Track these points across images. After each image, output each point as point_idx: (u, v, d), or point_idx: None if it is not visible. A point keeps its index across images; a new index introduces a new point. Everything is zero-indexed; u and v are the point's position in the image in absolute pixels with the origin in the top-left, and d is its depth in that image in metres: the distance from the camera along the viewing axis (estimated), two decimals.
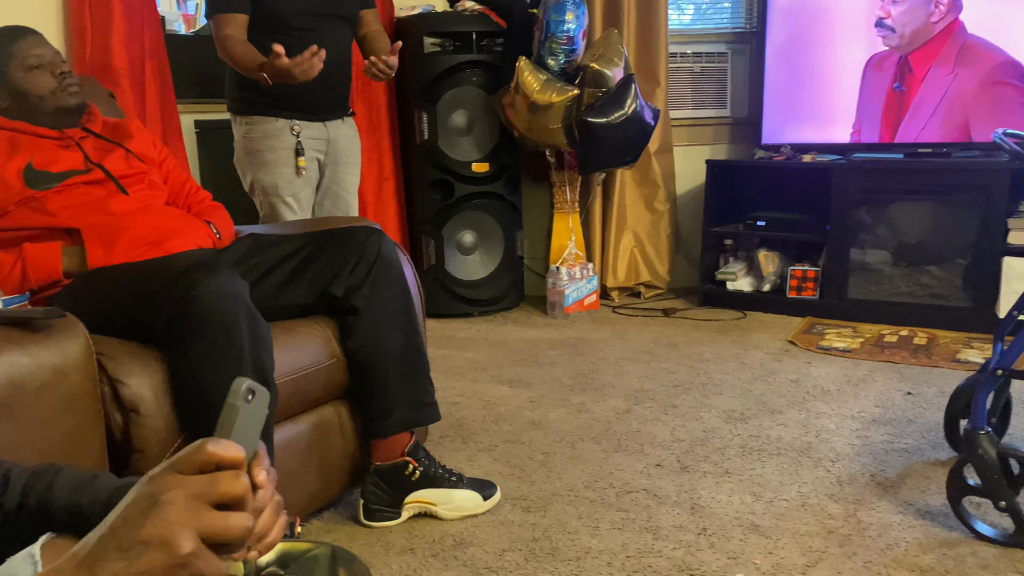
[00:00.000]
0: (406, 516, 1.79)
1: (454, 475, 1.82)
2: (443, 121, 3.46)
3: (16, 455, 1.07)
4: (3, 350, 1.16)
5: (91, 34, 2.59)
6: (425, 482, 1.78)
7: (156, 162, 1.95)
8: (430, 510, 1.79)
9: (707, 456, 2.07)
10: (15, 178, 1.67)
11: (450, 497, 1.79)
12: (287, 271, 1.78)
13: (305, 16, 2.45)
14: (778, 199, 3.61)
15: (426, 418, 1.83)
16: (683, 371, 2.75)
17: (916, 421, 2.25)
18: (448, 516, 1.78)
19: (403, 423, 1.78)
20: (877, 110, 3.36)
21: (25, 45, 1.76)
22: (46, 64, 1.77)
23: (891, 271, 3.30)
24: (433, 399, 1.84)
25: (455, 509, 1.78)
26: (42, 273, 1.62)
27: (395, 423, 1.77)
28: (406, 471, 1.77)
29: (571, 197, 3.64)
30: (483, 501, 1.81)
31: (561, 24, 3.20)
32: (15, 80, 1.75)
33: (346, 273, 1.74)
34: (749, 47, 3.85)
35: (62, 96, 1.78)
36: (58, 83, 1.77)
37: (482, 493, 1.82)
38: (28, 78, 1.75)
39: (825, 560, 1.57)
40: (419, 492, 1.78)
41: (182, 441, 1.45)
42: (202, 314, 1.41)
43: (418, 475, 1.78)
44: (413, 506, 1.79)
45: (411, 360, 1.79)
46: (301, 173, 2.53)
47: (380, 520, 1.77)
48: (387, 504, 1.77)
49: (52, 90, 1.77)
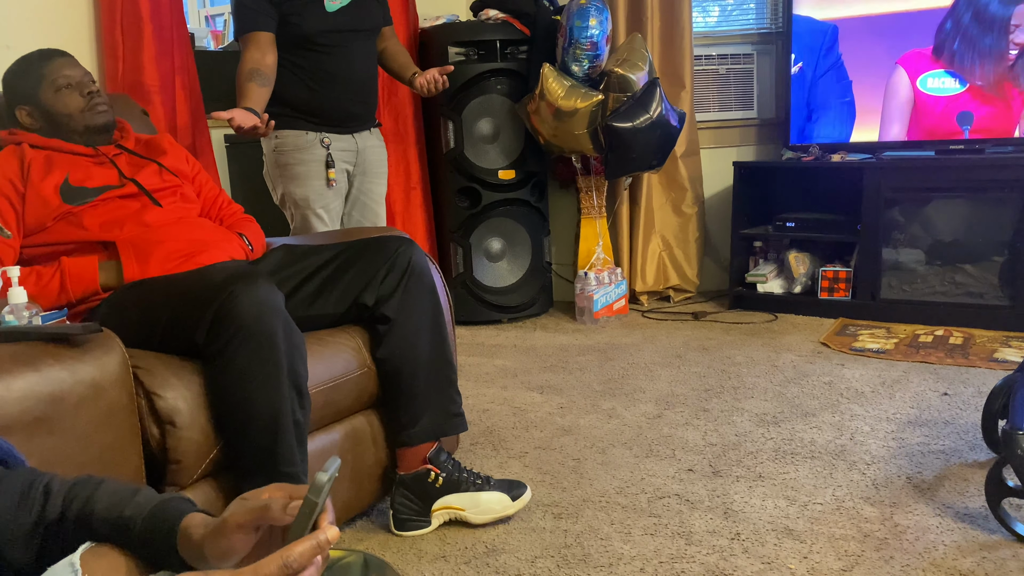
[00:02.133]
0: (436, 524, 1.79)
1: (480, 478, 1.81)
2: (469, 129, 3.48)
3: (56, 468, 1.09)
4: (43, 365, 1.19)
5: (123, 52, 2.64)
6: (450, 487, 1.78)
7: (189, 176, 1.99)
8: (459, 515, 1.79)
9: (740, 460, 2.05)
10: (52, 194, 1.71)
11: (476, 501, 1.78)
12: (319, 281, 1.80)
13: (332, 34, 2.49)
14: (807, 200, 3.58)
15: (453, 428, 1.84)
16: (714, 375, 2.74)
17: (953, 422, 2.22)
18: (478, 520, 1.78)
19: (431, 432, 1.79)
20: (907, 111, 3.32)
21: (55, 67, 1.81)
22: (75, 84, 1.81)
23: (925, 270, 3.25)
24: (460, 410, 1.85)
25: (483, 512, 1.78)
26: (79, 286, 1.66)
27: (422, 432, 1.78)
28: (428, 478, 1.78)
29: (598, 202, 3.64)
30: (512, 502, 1.80)
31: (585, 30, 3.20)
32: (45, 100, 1.80)
33: (377, 283, 1.76)
34: (775, 47, 3.82)
35: (90, 115, 1.82)
36: (86, 102, 1.81)
37: (510, 494, 1.80)
38: (57, 98, 1.80)
39: (861, 564, 1.55)
40: (445, 498, 1.78)
41: (219, 451, 1.48)
42: (242, 324, 1.43)
43: (441, 481, 1.78)
44: (441, 513, 1.79)
45: (440, 370, 1.80)
46: (332, 185, 2.56)
47: (411, 529, 1.77)
48: (416, 513, 1.78)
49: (80, 109, 1.81)
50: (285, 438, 1.47)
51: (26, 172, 1.71)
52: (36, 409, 1.16)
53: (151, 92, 2.67)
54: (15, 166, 1.72)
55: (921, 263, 3.26)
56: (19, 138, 1.79)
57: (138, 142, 1.95)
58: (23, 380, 1.16)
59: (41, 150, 1.77)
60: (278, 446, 1.46)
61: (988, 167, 3.08)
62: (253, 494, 0.80)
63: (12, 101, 1.83)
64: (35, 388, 1.17)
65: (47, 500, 0.84)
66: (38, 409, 1.16)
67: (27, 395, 1.15)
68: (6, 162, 1.72)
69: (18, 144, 1.77)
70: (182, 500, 0.84)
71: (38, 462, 1.08)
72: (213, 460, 1.47)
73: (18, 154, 1.74)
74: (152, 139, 2.00)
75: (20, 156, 1.74)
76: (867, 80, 3.40)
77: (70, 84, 1.81)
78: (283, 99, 2.49)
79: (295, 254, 1.87)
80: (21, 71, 1.82)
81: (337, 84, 2.54)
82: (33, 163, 1.73)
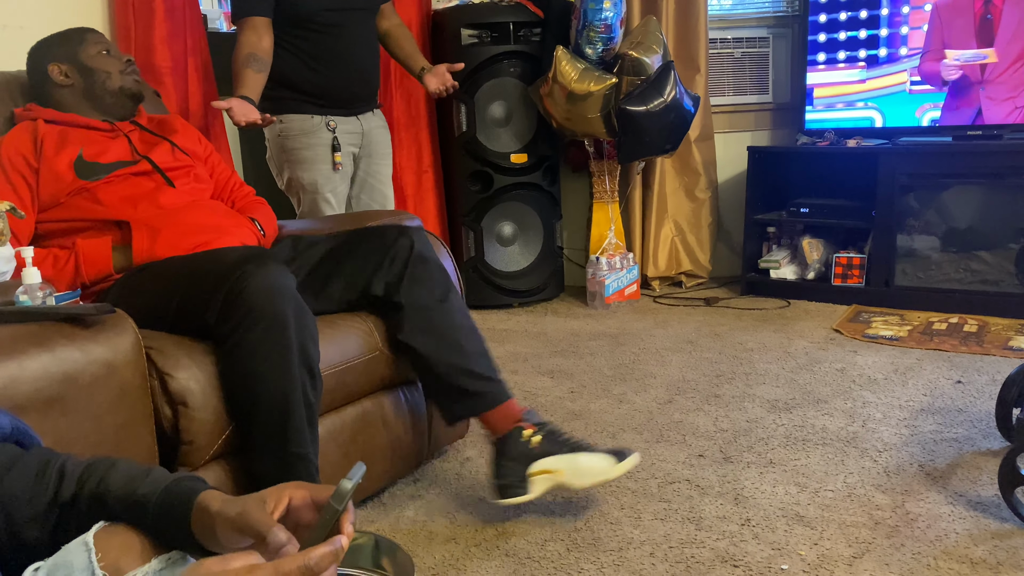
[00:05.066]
0: (538, 491, 1.68)
1: (581, 442, 1.72)
2: (481, 113, 3.47)
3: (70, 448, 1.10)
4: (57, 346, 1.20)
5: (135, 33, 2.64)
6: (546, 449, 1.68)
7: (202, 157, 1.99)
8: (558, 480, 1.67)
9: (751, 446, 2.05)
10: (67, 169, 1.72)
11: (575, 463, 1.66)
12: (324, 273, 1.80)
13: (331, 12, 2.49)
14: (822, 185, 3.55)
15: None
16: (726, 361, 2.73)
17: (966, 410, 2.21)
18: (578, 484, 1.67)
19: (504, 391, 1.74)
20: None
21: (98, 36, 1.90)
22: (113, 54, 1.90)
23: (940, 257, 3.22)
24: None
25: (583, 475, 1.66)
26: (93, 269, 1.67)
27: (500, 390, 1.74)
28: (522, 437, 1.69)
29: (610, 186, 3.62)
30: (617, 463, 1.67)
31: (599, 12, 3.17)
32: (85, 59, 1.85)
33: (383, 272, 1.76)
34: (791, 31, 3.78)
35: (127, 78, 1.88)
36: (125, 66, 1.89)
37: (615, 456, 1.69)
38: (99, 58, 1.86)
39: (872, 551, 1.55)
40: (541, 462, 1.67)
41: (230, 432, 1.48)
42: (254, 305, 1.44)
43: (538, 440, 1.69)
44: (540, 479, 1.67)
45: (478, 338, 1.78)
46: (338, 168, 2.56)
47: (511, 497, 1.68)
48: (515, 479, 1.69)
49: (120, 70, 1.88)
50: (295, 419, 1.47)
51: (39, 147, 1.72)
52: (50, 389, 1.17)
53: (163, 74, 2.67)
54: (29, 141, 1.73)
55: (936, 250, 3.23)
56: (34, 113, 1.81)
57: (151, 121, 1.97)
58: (37, 360, 1.17)
59: (55, 125, 1.78)
60: (288, 427, 1.47)
61: (1006, 153, 3.05)
62: (274, 493, 0.80)
63: (45, 60, 1.85)
64: (49, 368, 1.17)
65: (62, 480, 0.85)
66: (52, 389, 1.17)
67: (41, 375, 1.16)
68: (20, 138, 1.74)
69: (33, 120, 1.78)
70: (194, 479, 0.84)
71: (52, 442, 1.09)
72: (225, 441, 1.48)
73: (31, 129, 1.75)
74: (165, 118, 2.01)
75: (34, 132, 1.75)
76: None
77: (109, 51, 1.89)
78: (286, 82, 2.49)
79: (300, 246, 1.87)
80: (62, 35, 1.88)
81: (339, 64, 2.53)
82: (47, 138, 1.74)
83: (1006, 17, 3.06)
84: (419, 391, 1.92)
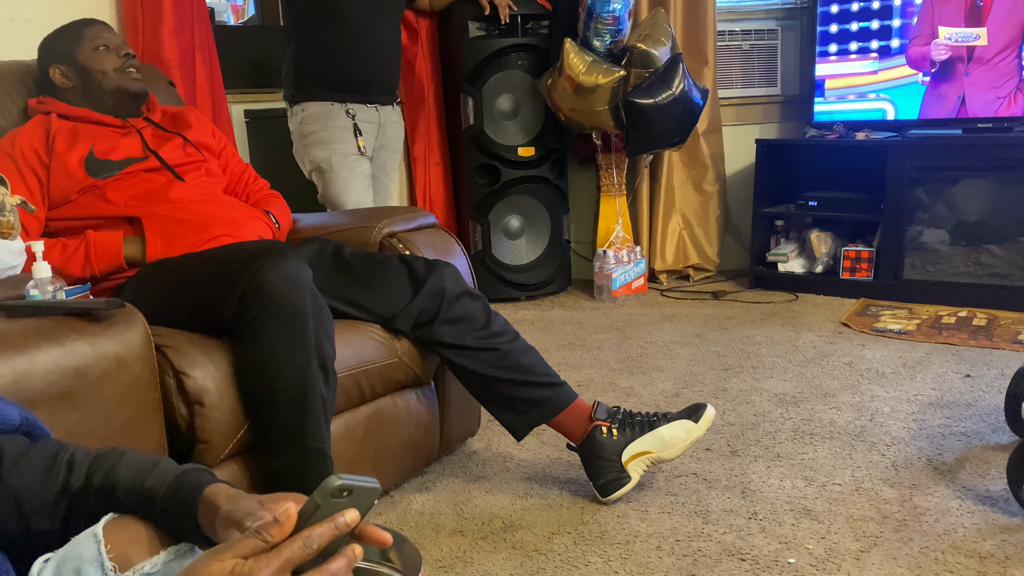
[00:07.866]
0: (637, 476, 1.74)
1: (655, 415, 1.76)
2: (489, 106, 3.46)
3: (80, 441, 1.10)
4: (68, 340, 1.20)
5: (143, 26, 2.65)
6: (628, 436, 1.74)
7: (215, 151, 1.99)
8: (651, 458, 1.73)
9: (758, 440, 2.05)
10: (77, 166, 1.72)
11: (660, 437, 1.72)
12: (344, 298, 1.76)
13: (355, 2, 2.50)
14: (830, 178, 3.53)
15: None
16: (733, 354, 2.72)
17: (975, 404, 2.20)
18: (671, 455, 1.73)
19: (569, 391, 1.77)
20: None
21: (96, 30, 1.87)
22: (112, 47, 1.87)
23: (949, 250, 3.21)
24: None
25: (672, 445, 1.72)
26: (104, 258, 1.67)
27: (562, 394, 1.76)
28: (603, 435, 1.74)
29: (618, 180, 3.62)
30: (695, 424, 1.73)
31: (607, 4, 3.16)
32: (82, 58, 1.84)
33: (411, 313, 1.73)
34: (800, 23, 3.76)
35: (124, 77, 1.85)
36: (122, 63, 1.86)
37: (691, 417, 1.74)
38: (94, 56, 1.84)
39: (880, 545, 1.55)
40: (630, 447, 1.73)
41: (245, 431, 1.48)
42: (272, 298, 1.43)
43: (616, 433, 1.74)
44: (635, 463, 1.74)
45: (530, 349, 1.80)
46: (363, 152, 2.58)
47: (616, 490, 1.74)
48: (612, 472, 1.74)
49: (116, 68, 1.85)
50: (312, 413, 1.46)
51: (51, 143, 1.73)
52: (61, 383, 1.18)
53: (171, 67, 2.67)
54: (41, 136, 1.74)
55: (945, 243, 3.21)
56: (48, 107, 1.81)
57: (164, 114, 1.96)
58: (48, 354, 1.17)
59: (68, 120, 1.79)
60: (305, 421, 1.46)
61: (1016, 146, 3.03)
62: (275, 498, 0.79)
63: (47, 61, 1.86)
64: (59, 362, 1.18)
65: (71, 471, 0.86)
66: (62, 383, 1.18)
67: (52, 369, 1.17)
68: (32, 132, 1.74)
69: (46, 114, 1.79)
70: (201, 471, 0.84)
71: (62, 435, 1.10)
72: (240, 440, 1.48)
73: (45, 124, 1.76)
74: (179, 112, 2.01)
75: (46, 127, 1.75)
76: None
77: (107, 46, 1.86)
78: (307, 71, 2.51)
79: (322, 256, 1.80)
80: (62, 33, 1.87)
81: (360, 52, 2.55)
82: (59, 134, 1.74)
83: (997, 3, 3.05)
84: (432, 391, 1.92)
